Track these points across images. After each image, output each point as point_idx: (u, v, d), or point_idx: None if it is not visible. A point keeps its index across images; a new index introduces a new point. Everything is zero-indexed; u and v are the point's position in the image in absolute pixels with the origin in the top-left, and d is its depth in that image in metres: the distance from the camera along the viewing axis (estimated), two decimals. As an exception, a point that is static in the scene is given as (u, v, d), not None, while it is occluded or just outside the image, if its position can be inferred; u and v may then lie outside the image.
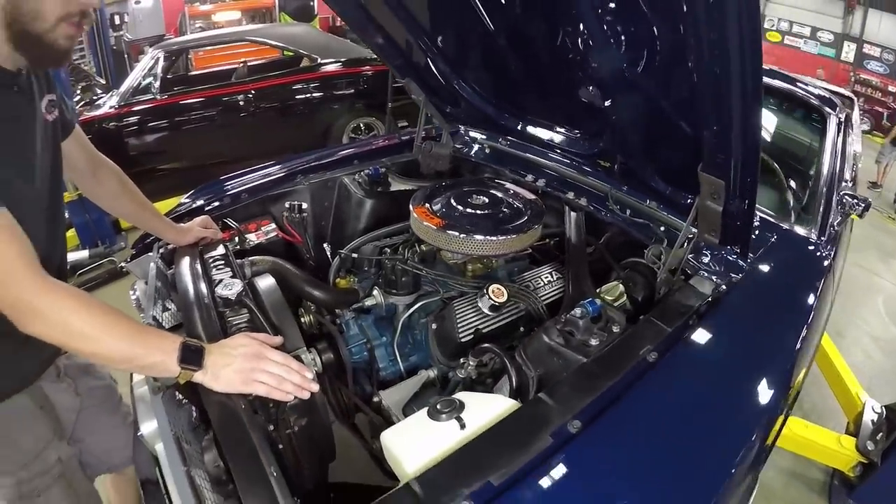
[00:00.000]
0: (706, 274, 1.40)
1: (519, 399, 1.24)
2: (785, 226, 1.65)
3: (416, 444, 0.97)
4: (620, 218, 1.72)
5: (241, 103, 4.57)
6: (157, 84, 4.36)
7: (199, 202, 1.99)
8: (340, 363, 1.57)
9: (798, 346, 1.27)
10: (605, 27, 1.28)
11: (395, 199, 2.03)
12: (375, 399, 1.44)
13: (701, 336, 1.23)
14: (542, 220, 1.68)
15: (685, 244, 1.43)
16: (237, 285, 1.35)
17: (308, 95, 4.88)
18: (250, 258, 1.64)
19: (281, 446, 1.14)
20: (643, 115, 1.40)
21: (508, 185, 1.88)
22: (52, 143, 1.21)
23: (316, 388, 1.07)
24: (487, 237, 1.55)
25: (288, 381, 1.04)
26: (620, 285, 1.56)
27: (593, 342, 1.21)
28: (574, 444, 0.90)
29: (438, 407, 1.02)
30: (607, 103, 1.44)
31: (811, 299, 1.39)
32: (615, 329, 1.27)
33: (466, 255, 1.66)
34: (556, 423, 0.93)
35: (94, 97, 4.58)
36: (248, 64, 5.15)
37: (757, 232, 1.55)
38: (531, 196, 1.79)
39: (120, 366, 1.05)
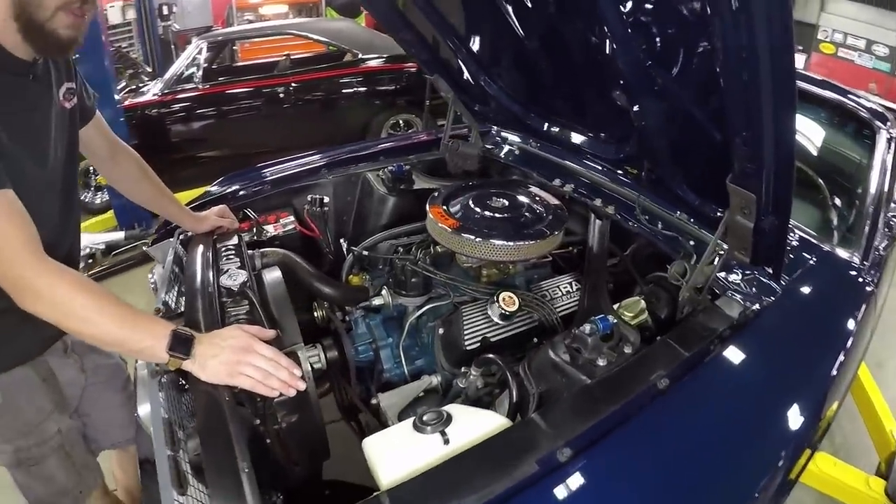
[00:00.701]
0: (735, 295, 1.30)
1: (518, 415, 1.18)
2: (826, 247, 1.52)
3: (395, 454, 0.93)
4: (648, 229, 1.62)
5: (282, 95, 4.63)
6: (200, 73, 4.46)
7: (224, 191, 2.02)
8: (345, 361, 1.54)
9: (833, 373, 1.16)
10: (631, 30, 1.20)
11: (417, 197, 1.98)
12: (373, 401, 1.40)
13: (722, 363, 1.14)
14: (564, 226, 1.60)
15: (714, 261, 1.33)
16: (241, 276, 1.34)
17: (348, 90, 4.91)
18: (261, 250, 1.64)
19: (269, 441, 1.13)
20: (669, 118, 1.30)
21: (533, 188, 1.80)
22: (68, 130, 1.24)
23: (303, 386, 1.04)
24: (502, 242, 1.48)
25: (273, 377, 1.02)
26: (642, 301, 1.47)
27: (601, 362, 1.13)
28: (560, 473, 0.83)
29: (424, 419, 0.97)
30: (633, 107, 1.35)
31: (850, 326, 1.27)
32: (627, 349, 1.18)
33: (481, 259, 1.60)
34: (544, 449, 0.86)
35: (141, 84, 4.73)
36: (293, 57, 5.22)
37: (794, 252, 1.43)
38: (555, 201, 1.71)
39: (111, 348, 1.10)
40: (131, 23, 6.10)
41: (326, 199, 1.99)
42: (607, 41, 1.35)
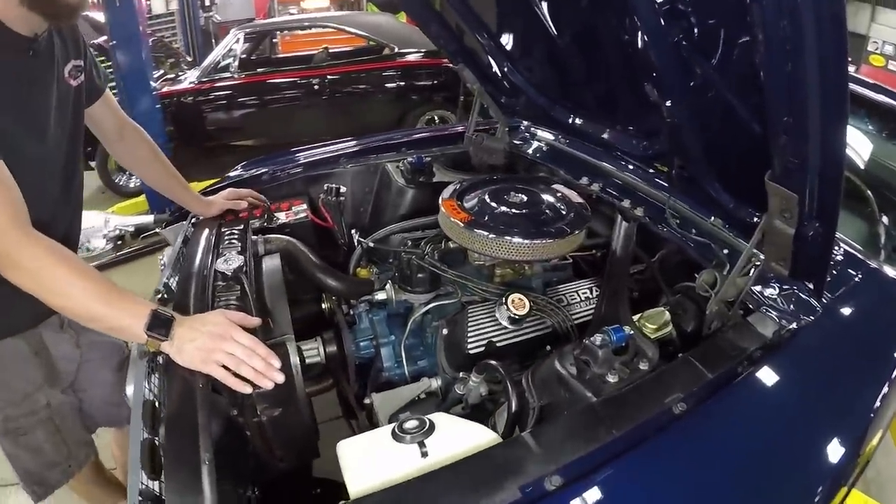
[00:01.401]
0: (770, 311, 1.15)
1: (518, 429, 1.08)
2: (873, 264, 1.34)
3: (368, 462, 0.85)
4: (679, 234, 1.49)
5: (317, 87, 4.64)
6: (236, 63, 4.51)
7: (242, 176, 2.00)
8: (344, 356, 1.47)
9: (876, 405, 1.02)
10: (663, 20, 1.08)
11: (436, 190, 1.89)
12: (366, 400, 1.32)
13: (751, 387, 1.01)
14: (586, 226, 1.48)
15: (748, 272, 1.19)
16: (237, 261, 1.30)
17: (385, 84, 4.89)
18: (266, 236, 1.59)
19: (249, 433, 1.07)
20: (704, 110, 1.16)
21: (556, 185, 1.69)
22: (73, 107, 1.24)
23: (280, 378, 0.98)
24: (517, 240, 1.37)
25: (246, 366, 0.97)
26: (667, 312, 1.34)
27: (611, 378, 1.02)
28: (545, 504, 0.73)
29: (405, 426, 0.88)
30: (666, 101, 1.22)
31: (896, 353, 1.12)
32: (642, 366, 1.06)
33: (494, 258, 1.50)
34: (531, 475, 0.75)
35: (180, 73, 4.82)
36: (332, 51, 5.23)
37: (838, 267, 1.27)
38: (578, 199, 1.59)
39: (89, 324, 1.07)
40: (174, 13, 6.26)
41: (343, 189, 1.93)
42: (639, 33, 1.23)
